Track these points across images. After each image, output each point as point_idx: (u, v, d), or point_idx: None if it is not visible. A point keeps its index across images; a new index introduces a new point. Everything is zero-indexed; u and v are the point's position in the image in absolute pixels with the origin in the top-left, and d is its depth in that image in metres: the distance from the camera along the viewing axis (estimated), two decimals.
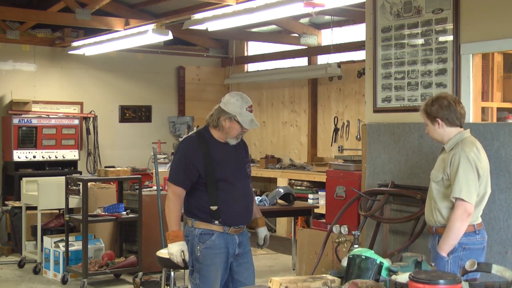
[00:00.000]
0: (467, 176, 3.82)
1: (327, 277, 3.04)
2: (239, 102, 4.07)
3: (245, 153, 4.30)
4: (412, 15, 5.21)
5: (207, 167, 4.05)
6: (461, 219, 3.81)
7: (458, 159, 3.85)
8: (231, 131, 4.10)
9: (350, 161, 6.13)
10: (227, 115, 4.06)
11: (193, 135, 4.24)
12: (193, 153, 4.09)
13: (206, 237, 4.09)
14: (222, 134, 4.12)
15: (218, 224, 4.09)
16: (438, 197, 3.98)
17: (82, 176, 8.54)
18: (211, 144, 4.12)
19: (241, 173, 4.20)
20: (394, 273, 2.90)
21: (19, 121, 10.00)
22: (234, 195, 4.12)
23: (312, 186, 9.84)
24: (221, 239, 4.10)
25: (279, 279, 2.90)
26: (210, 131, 4.16)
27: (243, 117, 4.07)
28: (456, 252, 3.86)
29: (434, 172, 4.04)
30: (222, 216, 4.09)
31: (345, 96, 10.32)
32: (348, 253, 3.15)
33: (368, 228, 5.33)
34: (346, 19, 10.05)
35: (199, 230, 4.11)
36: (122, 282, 7.35)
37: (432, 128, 4.04)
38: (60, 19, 9.21)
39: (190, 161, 4.07)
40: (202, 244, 4.09)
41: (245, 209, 4.21)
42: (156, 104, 11.93)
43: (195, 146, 4.11)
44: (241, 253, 4.22)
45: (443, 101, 3.97)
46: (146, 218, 7.26)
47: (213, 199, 4.07)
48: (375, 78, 5.52)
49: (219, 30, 8.31)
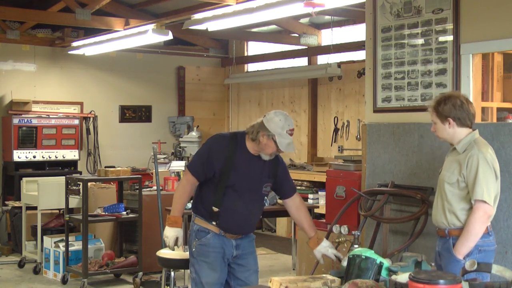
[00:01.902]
0: (486, 178, 3.75)
1: (327, 277, 3.04)
2: (282, 122, 4.03)
3: (271, 171, 4.22)
4: (412, 15, 5.21)
5: (224, 169, 4.06)
6: (481, 221, 3.74)
7: (476, 160, 3.77)
8: (266, 148, 4.07)
9: (350, 161, 6.13)
10: (267, 132, 4.03)
11: (227, 134, 4.26)
12: (217, 151, 4.10)
13: (202, 234, 4.17)
14: (257, 147, 4.10)
15: (214, 225, 4.14)
16: (453, 199, 3.88)
17: (82, 176, 8.53)
18: (239, 150, 4.12)
19: (254, 188, 4.19)
20: (394, 273, 2.91)
21: (19, 121, 10.00)
22: (238, 206, 4.12)
23: (312, 186, 9.83)
24: (216, 239, 4.15)
25: (279, 279, 2.90)
26: (245, 139, 4.14)
27: (282, 139, 4.02)
28: (472, 254, 3.76)
29: (447, 174, 3.93)
30: (220, 220, 4.12)
31: (345, 96, 10.32)
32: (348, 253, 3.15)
33: (368, 228, 5.33)
34: (346, 19, 10.04)
35: (197, 226, 4.19)
36: (122, 282, 7.35)
37: (441, 128, 3.93)
38: (60, 19, 9.21)
39: (210, 158, 4.08)
40: (198, 240, 4.17)
41: (245, 221, 4.20)
42: (156, 104, 11.93)
43: (223, 145, 4.12)
44: (240, 254, 4.24)
45: (456, 101, 3.88)
46: (146, 218, 7.27)
47: (218, 201, 4.10)
48: (375, 78, 5.52)
49: (219, 30, 8.31)
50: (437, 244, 4.05)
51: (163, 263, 5.20)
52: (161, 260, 5.19)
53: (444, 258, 3.90)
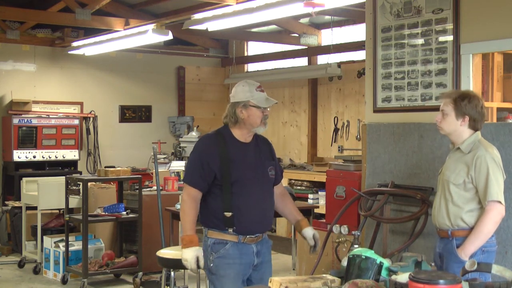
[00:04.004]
0: (497, 178, 3.74)
1: (327, 277, 3.04)
2: (247, 87, 3.86)
3: (269, 154, 4.03)
4: (412, 15, 5.21)
5: (222, 167, 3.79)
6: (495, 221, 3.74)
7: (485, 161, 3.75)
8: (252, 119, 3.85)
9: (350, 161, 6.13)
10: (241, 104, 3.83)
11: (212, 133, 3.99)
12: (208, 152, 3.84)
13: (219, 247, 3.81)
14: (245, 128, 3.88)
15: (232, 233, 3.80)
16: (460, 200, 3.84)
17: (82, 176, 8.54)
18: (229, 143, 3.87)
19: (260, 176, 3.91)
20: (394, 273, 2.90)
21: (19, 121, 10.00)
22: (250, 200, 3.83)
23: (312, 186, 9.84)
24: (235, 249, 3.81)
25: (279, 279, 2.90)
26: (230, 130, 3.91)
27: (257, 98, 3.84)
28: (475, 255, 3.74)
29: (452, 175, 3.88)
30: (237, 224, 3.79)
31: (345, 96, 10.32)
32: (348, 253, 3.15)
33: (368, 228, 5.33)
34: (346, 19, 10.05)
35: (212, 239, 3.83)
36: (122, 282, 7.35)
37: (452, 121, 3.86)
38: (60, 19, 9.22)
39: (205, 161, 3.80)
40: (215, 254, 3.81)
41: (263, 216, 3.90)
42: (156, 104, 11.93)
43: (212, 144, 3.87)
44: (260, 263, 3.92)
45: (479, 102, 3.85)
46: (146, 218, 7.27)
47: (227, 204, 3.79)
48: (375, 78, 5.52)
49: (219, 30, 8.31)
50: (437, 245, 4.02)
51: (163, 263, 5.20)
52: (161, 260, 5.19)
53: (446, 259, 3.89)
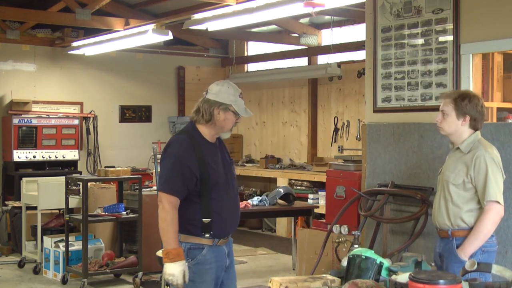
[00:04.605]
0: (496, 178, 3.74)
1: (327, 277, 3.04)
2: (232, 89, 3.68)
3: (227, 153, 3.86)
4: (412, 15, 5.21)
5: (202, 171, 3.56)
6: (494, 221, 3.74)
7: (484, 161, 3.75)
8: (226, 123, 3.66)
9: (350, 161, 6.13)
10: (222, 106, 3.64)
11: (183, 136, 3.66)
12: (187, 156, 3.57)
13: (195, 252, 3.62)
14: (214, 129, 3.67)
15: (208, 237, 3.62)
16: (459, 200, 3.84)
17: (82, 176, 8.53)
18: (202, 144, 3.64)
19: (230, 176, 3.74)
20: (394, 273, 2.91)
21: (19, 121, 10.00)
22: (227, 205, 3.67)
23: (312, 186, 9.83)
24: (211, 253, 3.64)
25: (279, 279, 2.90)
26: (198, 130, 3.68)
27: (239, 105, 3.66)
28: (475, 255, 3.75)
29: (452, 175, 3.88)
30: (214, 229, 3.62)
31: (345, 96, 10.32)
32: (348, 253, 3.15)
33: (368, 228, 5.33)
34: (346, 19, 10.05)
35: (187, 244, 3.63)
36: (122, 282, 7.35)
37: (453, 121, 3.85)
38: (60, 19, 9.22)
39: (185, 165, 3.54)
40: (192, 260, 3.61)
41: (236, 217, 3.78)
42: (156, 104, 11.93)
43: (189, 147, 3.59)
44: (230, 263, 3.79)
45: (478, 102, 3.86)
46: (146, 218, 7.26)
47: (206, 210, 3.59)
48: (375, 78, 5.52)
49: (219, 30, 8.31)
50: (437, 245, 4.02)
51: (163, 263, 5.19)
52: (161, 260, 5.17)
53: (446, 259, 3.89)
